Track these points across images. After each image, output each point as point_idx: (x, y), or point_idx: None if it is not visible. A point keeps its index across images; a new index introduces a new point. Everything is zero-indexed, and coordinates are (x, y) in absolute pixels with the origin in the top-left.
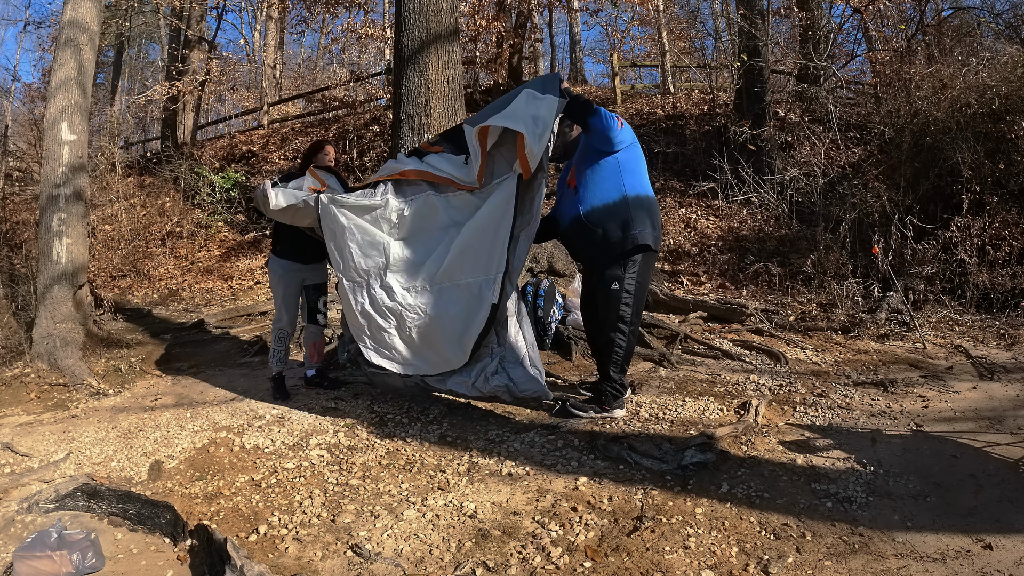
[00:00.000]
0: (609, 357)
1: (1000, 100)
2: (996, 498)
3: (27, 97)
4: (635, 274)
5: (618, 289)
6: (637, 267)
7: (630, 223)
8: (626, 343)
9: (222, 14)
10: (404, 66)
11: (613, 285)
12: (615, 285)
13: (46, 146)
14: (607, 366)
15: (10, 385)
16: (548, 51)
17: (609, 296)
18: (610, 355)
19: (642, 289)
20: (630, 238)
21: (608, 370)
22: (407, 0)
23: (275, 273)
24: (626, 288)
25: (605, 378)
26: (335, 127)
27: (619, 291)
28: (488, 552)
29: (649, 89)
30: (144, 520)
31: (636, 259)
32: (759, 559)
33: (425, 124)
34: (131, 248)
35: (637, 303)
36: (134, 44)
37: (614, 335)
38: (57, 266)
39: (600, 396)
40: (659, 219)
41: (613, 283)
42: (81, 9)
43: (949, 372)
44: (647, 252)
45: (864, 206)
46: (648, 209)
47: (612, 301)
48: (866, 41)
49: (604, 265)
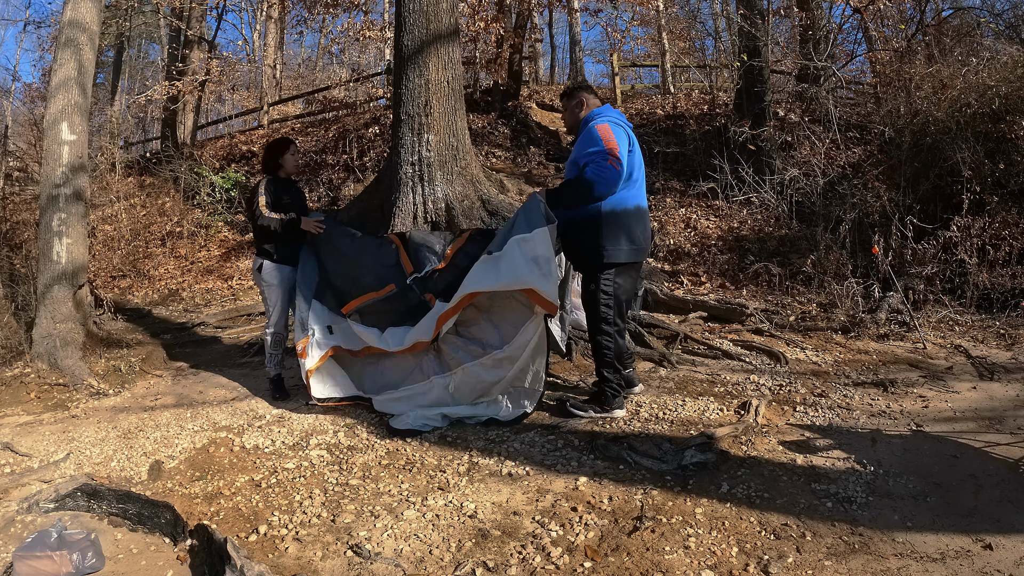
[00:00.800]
0: (600, 357)
1: (1000, 100)
2: (996, 498)
3: (27, 97)
4: (611, 282)
5: (595, 291)
6: (612, 276)
7: (601, 240)
8: (612, 343)
9: (222, 14)
10: (404, 66)
11: (590, 286)
12: (592, 286)
13: (46, 146)
14: (600, 367)
15: (10, 385)
16: (548, 51)
17: (591, 297)
18: (600, 356)
19: (623, 291)
20: (601, 254)
21: (601, 371)
22: (407, 0)
23: (272, 279)
24: (603, 290)
25: (600, 378)
26: (335, 127)
27: (596, 292)
28: (488, 552)
29: (649, 89)
30: (144, 520)
31: (610, 272)
32: (759, 559)
33: (425, 124)
34: (131, 248)
35: (619, 304)
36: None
37: (599, 337)
38: (57, 266)
39: (600, 396)
40: (640, 231)
41: (590, 284)
42: (81, 9)
43: (949, 372)
44: (620, 266)
45: (864, 206)
46: (625, 225)
47: (594, 303)
48: (866, 41)
49: (583, 270)
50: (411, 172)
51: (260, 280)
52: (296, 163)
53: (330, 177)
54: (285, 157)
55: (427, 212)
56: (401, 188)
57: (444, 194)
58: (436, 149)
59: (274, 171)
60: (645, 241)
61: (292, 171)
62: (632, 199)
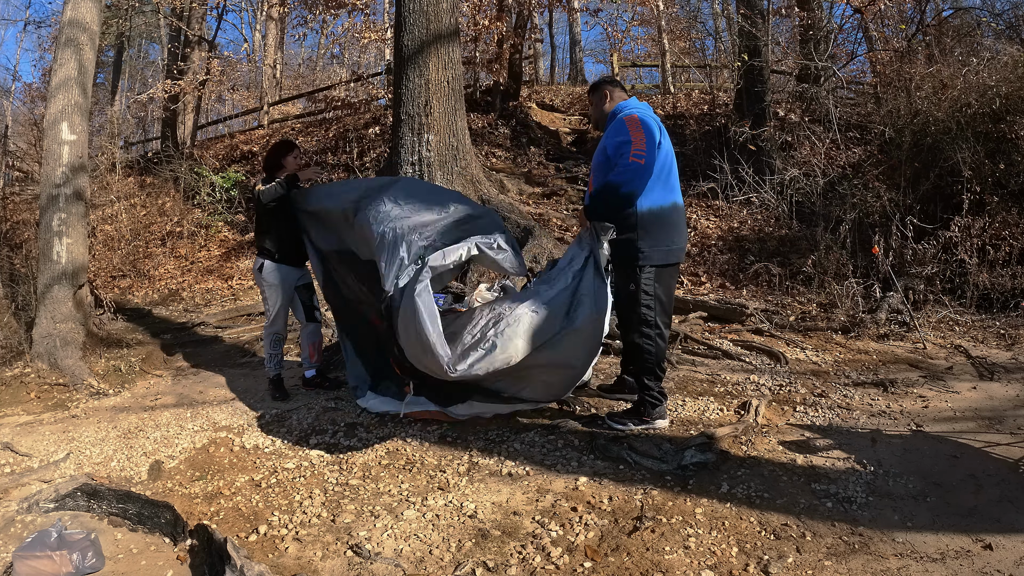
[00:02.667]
0: (640, 362)
1: (1000, 100)
2: (996, 498)
3: (27, 97)
4: (651, 282)
5: (635, 291)
6: (652, 276)
7: (636, 240)
8: (654, 347)
9: (222, 14)
10: (404, 66)
11: (630, 286)
12: (632, 286)
13: (46, 146)
14: (640, 374)
15: (10, 385)
16: (548, 51)
17: (630, 297)
18: (641, 360)
19: (665, 291)
20: (637, 256)
21: (641, 377)
22: (407, 0)
23: (273, 279)
24: (644, 290)
25: (640, 386)
26: (335, 127)
27: (637, 292)
28: (488, 552)
29: (649, 89)
30: (144, 520)
31: (651, 271)
32: (759, 559)
33: (425, 124)
34: (131, 248)
35: (660, 304)
36: (134, 44)
37: (640, 340)
38: (57, 266)
39: (639, 406)
40: (675, 231)
41: (629, 284)
42: (81, 9)
43: (949, 372)
44: (659, 267)
45: (864, 206)
46: (661, 224)
47: (633, 303)
48: (866, 41)
49: (620, 267)
50: (411, 172)
51: (261, 280)
52: (298, 166)
53: (330, 177)
54: (287, 159)
55: None
56: None
57: None
58: (436, 149)
59: (275, 172)
60: (684, 240)
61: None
62: (669, 197)
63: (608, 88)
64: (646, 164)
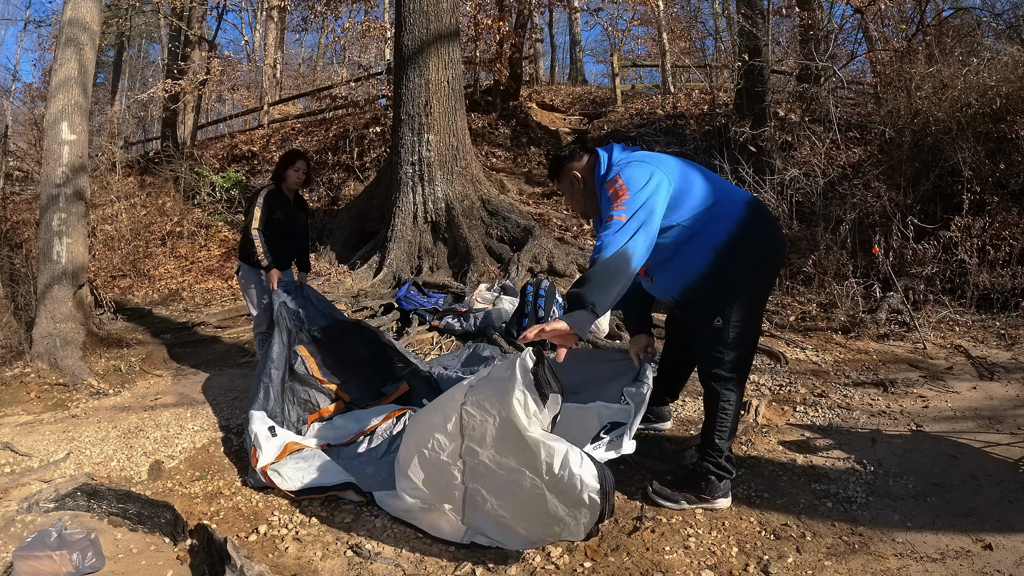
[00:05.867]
0: (712, 416)
1: (1001, 100)
2: (996, 498)
3: (27, 97)
4: (741, 315)
5: (721, 327)
6: (742, 305)
7: (724, 278)
8: (735, 397)
9: (222, 14)
10: (404, 66)
11: (715, 321)
12: (718, 321)
13: (46, 146)
14: (708, 430)
15: (10, 385)
16: (548, 51)
17: (713, 336)
18: (714, 413)
19: (755, 324)
20: (729, 285)
21: (712, 437)
22: (407, 0)
23: (249, 280)
24: (733, 324)
25: (707, 447)
26: (336, 127)
27: (724, 330)
28: (488, 552)
29: (649, 89)
30: (144, 520)
31: (741, 299)
32: (759, 559)
33: (425, 124)
34: (131, 248)
35: (747, 342)
36: (134, 44)
37: (718, 385)
38: (57, 266)
39: (697, 477)
40: (760, 238)
41: (715, 319)
42: (81, 8)
43: (949, 372)
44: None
45: (864, 206)
46: (740, 244)
47: (717, 342)
48: (867, 41)
49: (703, 309)
50: (411, 172)
51: (241, 282)
52: (298, 179)
53: (330, 177)
54: (288, 172)
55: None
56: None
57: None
58: (436, 149)
59: (279, 182)
60: (780, 242)
61: (292, 186)
62: (731, 218)
63: (570, 165)
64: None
